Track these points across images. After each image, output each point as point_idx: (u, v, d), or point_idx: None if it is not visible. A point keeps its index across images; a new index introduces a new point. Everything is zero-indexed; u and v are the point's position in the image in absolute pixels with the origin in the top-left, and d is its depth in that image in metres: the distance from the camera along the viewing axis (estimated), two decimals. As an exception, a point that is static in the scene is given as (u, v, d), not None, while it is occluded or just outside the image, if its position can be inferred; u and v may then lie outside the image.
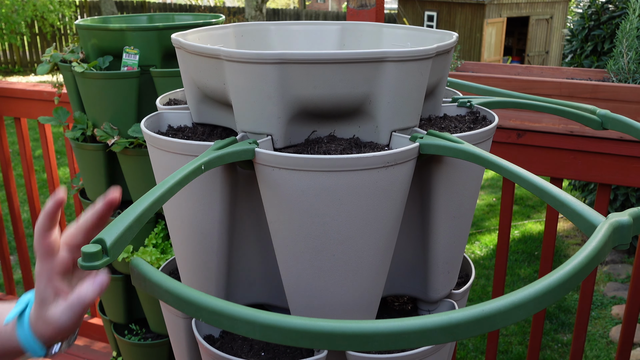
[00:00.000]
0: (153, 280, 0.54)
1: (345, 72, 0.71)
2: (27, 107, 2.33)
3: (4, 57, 11.97)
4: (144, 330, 1.88)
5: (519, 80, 1.80)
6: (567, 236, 4.66)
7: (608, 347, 3.30)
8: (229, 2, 23.66)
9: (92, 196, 1.76)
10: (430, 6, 12.90)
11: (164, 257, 1.63)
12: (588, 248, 0.50)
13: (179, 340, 0.93)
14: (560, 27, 12.68)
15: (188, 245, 0.82)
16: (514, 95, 1.03)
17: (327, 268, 0.73)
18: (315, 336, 0.46)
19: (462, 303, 0.96)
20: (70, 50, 1.67)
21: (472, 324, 0.44)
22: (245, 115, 0.75)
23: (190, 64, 0.81)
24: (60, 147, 6.47)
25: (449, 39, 0.85)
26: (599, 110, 0.94)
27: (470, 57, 12.15)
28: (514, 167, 0.67)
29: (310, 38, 1.04)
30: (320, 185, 0.68)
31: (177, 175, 0.64)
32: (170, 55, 1.59)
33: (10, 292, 2.74)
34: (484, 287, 3.97)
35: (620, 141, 1.58)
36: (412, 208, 0.82)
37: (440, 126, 0.86)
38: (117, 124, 1.59)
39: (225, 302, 0.49)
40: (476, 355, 3.23)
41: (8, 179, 2.56)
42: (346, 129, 0.78)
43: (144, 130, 0.80)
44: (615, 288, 3.85)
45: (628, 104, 1.66)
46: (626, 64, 2.02)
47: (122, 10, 14.30)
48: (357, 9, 1.84)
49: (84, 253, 0.52)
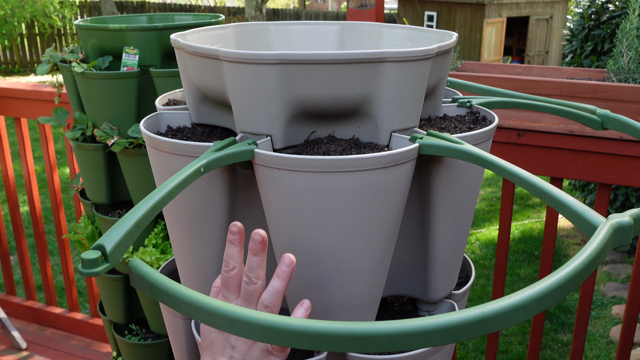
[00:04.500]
0: (151, 282, 0.53)
1: (344, 72, 0.71)
2: (27, 107, 2.33)
3: (4, 57, 11.98)
4: (144, 331, 1.88)
5: (519, 80, 1.80)
6: (567, 236, 4.66)
7: (608, 346, 3.30)
8: (229, 2, 23.67)
9: (92, 196, 1.76)
10: (430, 6, 12.90)
11: (163, 257, 1.62)
12: (588, 249, 0.50)
13: (179, 340, 0.93)
14: (560, 27, 12.68)
15: (187, 246, 0.82)
16: (514, 95, 1.03)
17: (327, 268, 0.73)
18: (315, 337, 0.45)
19: (462, 303, 0.96)
20: (70, 50, 1.67)
21: (472, 325, 0.44)
22: (244, 115, 0.75)
23: (190, 64, 0.80)
24: (60, 148, 6.47)
25: (448, 39, 0.85)
26: (599, 110, 0.94)
27: (470, 57, 12.15)
28: (513, 167, 0.67)
29: (310, 38, 1.04)
30: (320, 185, 0.68)
31: (176, 178, 0.64)
32: (170, 55, 1.59)
33: (10, 292, 2.74)
34: (484, 287, 3.97)
35: (621, 141, 1.58)
36: (412, 208, 0.82)
37: (440, 126, 0.86)
38: (117, 124, 1.59)
39: (224, 303, 0.49)
40: (476, 355, 3.23)
41: (8, 179, 2.56)
42: (346, 130, 0.78)
43: (143, 131, 0.80)
44: (615, 288, 3.85)
45: (628, 104, 1.66)
46: (626, 63, 2.02)
47: (122, 10, 14.30)
48: (357, 9, 1.83)
49: (83, 260, 0.51)
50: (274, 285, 0.66)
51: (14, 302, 2.70)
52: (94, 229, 1.81)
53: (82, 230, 1.81)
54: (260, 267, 0.67)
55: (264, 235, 0.66)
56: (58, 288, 3.66)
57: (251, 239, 0.67)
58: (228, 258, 0.69)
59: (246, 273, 0.68)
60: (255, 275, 0.67)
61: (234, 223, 0.68)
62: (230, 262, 0.68)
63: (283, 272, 0.66)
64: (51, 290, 2.65)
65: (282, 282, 0.66)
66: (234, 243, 0.68)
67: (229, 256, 0.69)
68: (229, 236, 0.68)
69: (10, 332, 2.47)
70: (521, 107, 0.98)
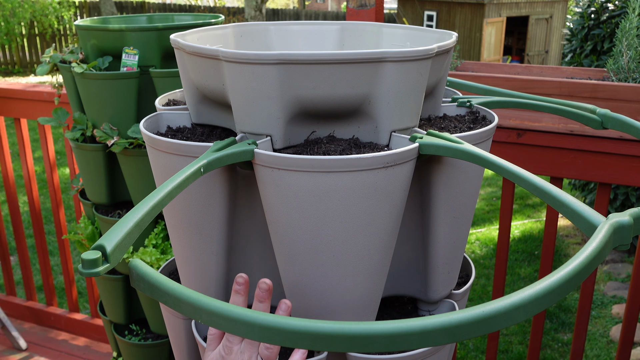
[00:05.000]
0: (151, 282, 0.53)
1: (344, 72, 0.71)
2: (27, 107, 2.33)
3: (4, 57, 11.98)
4: (144, 331, 1.88)
5: (519, 80, 1.80)
6: (567, 235, 4.66)
7: (608, 346, 3.30)
8: (229, 2, 23.66)
9: (92, 196, 1.76)
10: (430, 6, 12.90)
11: (164, 257, 1.62)
12: (588, 249, 0.50)
13: (179, 341, 0.93)
14: (560, 26, 12.68)
15: (187, 246, 0.82)
16: (514, 95, 1.03)
17: (327, 268, 0.73)
18: (315, 337, 0.45)
19: (462, 303, 0.96)
20: (70, 50, 1.67)
21: (472, 325, 0.44)
22: (244, 115, 0.75)
23: (189, 64, 0.80)
24: (60, 148, 6.47)
25: (448, 38, 0.85)
26: (599, 110, 0.94)
27: (470, 56, 12.15)
28: (513, 167, 0.67)
29: (309, 38, 1.04)
30: (320, 185, 0.68)
31: (176, 178, 0.64)
32: (170, 55, 1.59)
33: (10, 292, 2.74)
34: (484, 286, 3.97)
35: (620, 140, 1.58)
36: (412, 208, 0.82)
37: (440, 126, 0.86)
38: (117, 125, 1.59)
39: (224, 303, 0.49)
40: (476, 354, 3.23)
41: (8, 180, 2.56)
42: (346, 130, 0.78)
43: (142, 131, 0.80)
44: (616, 287, 3.85)
45: (628, 103, 1.66)
46: (626, 63, 2.02)
47: (122, 10, 14.30)
48: (356, 9, 1.83)
49: (84, 260, 0.51)
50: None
51: (14, 303, 2.70)
52: (94, 229, 1.81)
53: (82, 231, 1.81)
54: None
55: (270, 285, 0.73)
56: (58, 288, 3.66)
57: (258, 288, 0.74)
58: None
59: None
60: None
61: (240, 275, 0.75)
62: None
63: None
64: (51, 290, 2.65)
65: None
66: (240, 293, 0.75)
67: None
68: (235, 287, 0.75)
69: (10, 333, 2.47)
70: (521, 106, 0.98)
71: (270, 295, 0.74)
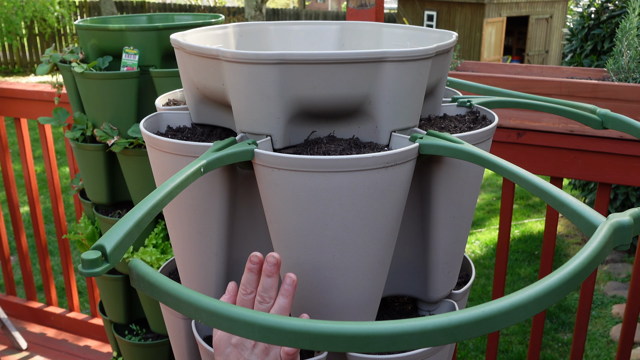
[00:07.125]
0: (151, 282, 0.53)
1: (344, 72, 0.71)
2: (27, 107, 2.33)
3: (4, 57, 11.98)
4: (144, 331, 1.88)
5: (519, 80, 1.80)
6: (567, 235, 4.66)
7: (608, 346, 3.30)
8: (229, 2, 23.65)
9: (92, 196, 1.76)
10: (430, 6, 12.90)
11: (164, 257, 1.62)
12: (588, 249, 0.50)
13: (179, 341, 0.93)
14: (560, 26, 12.68)
15: (187, 246, 0.82)
16: (514, 95, 1.03)
17: (327, 268, 0.73)
18: (315, 337, 0.45)
19: (462, 303, 0.96)
20: (70, 50, 1.67)
21: (472, 325, 0.44)
22: (244, 115, 0.75)
23: (189, 64, 0.80)
24: (60, 148, 6.47)
25: (448, 38, 0.85)
26: (599, 110, 0.94)
27: (470, 56, 12.15)
28: (513, 167, 0.66)
29: (309, 38, 1.04)
30: (320, 185, 0.68)
31: (176, 178, 0.64)
32: (170, 55, 1.59)
33: (10, 292, 2.75)
34: (484, 286, 3.97)
35: (621, 140, 1.58)
36: (412, 208, 0.82)
37: (440, 126, 0.86)
38: (117, 124, 1.59)
39: (224, 303, 0.49)
40: (477, 354, 3.23)
41: (8, 179, 2.56)
42: (346, 130, 0.78)
43: (142, 131, 0.80)
44: (616, 287, 3.85)
45: (628, 103, 1.66)
46: (626, 63, 2.02)
47: (122, 10, 14.30)
48: (356, 9, 1.83)
49: (84, 260, 0.51)
50: (280, 304, 0.71)
51: (14, 302, 2.70)
52: (94, 229, 1.81)
53: (82, 231, 1.81)
54: (273, 287, 0.72)
55: (278, 259, 0.71)
56: (58, 288, 3.66)
57: (266, 261, 0.72)
58: (247, 284, 0.73)
59: (260, 293, 0.72)
60: (268, 295, 0.72)
61: (254, 254, 0.73)
62: (248, 288, 0.73)
63: (287, 290, 0.71)
64: (51, 290, 2.65)
65: (286, 299, 0.71)
66: (253, 271, 0.73)
67: (247, 282, 0.73)
68: (249, 265, 0.73)
69: (10, 333, 2.47)
70: (521, 106, 0.98)
71: (278, 270, 0.72)
